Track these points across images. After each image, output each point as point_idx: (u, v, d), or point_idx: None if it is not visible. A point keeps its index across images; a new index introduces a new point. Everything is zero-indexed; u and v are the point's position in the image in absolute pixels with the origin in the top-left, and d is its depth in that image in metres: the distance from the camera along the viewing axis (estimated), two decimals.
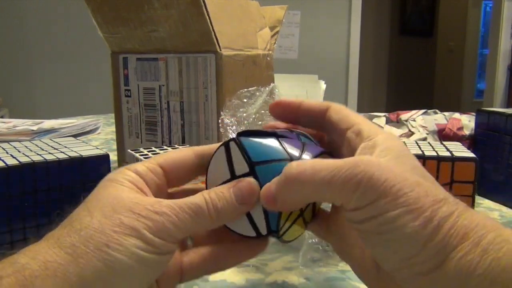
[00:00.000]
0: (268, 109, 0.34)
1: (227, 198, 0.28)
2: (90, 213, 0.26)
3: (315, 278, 0.39)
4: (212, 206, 0.27)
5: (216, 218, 0.27)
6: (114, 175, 0.29)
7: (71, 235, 0.25)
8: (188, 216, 0.27)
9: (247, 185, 0.28)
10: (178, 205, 0.27)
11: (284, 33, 2.99)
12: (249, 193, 0.28)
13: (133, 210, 0.26)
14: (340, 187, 0.24)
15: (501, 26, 3.49)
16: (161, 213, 0.26)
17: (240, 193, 0.28)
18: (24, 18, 2.60)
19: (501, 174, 0.57)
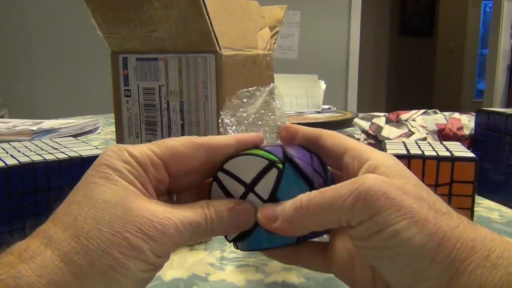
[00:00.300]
0: (268, 108, 0.35)
1: (225, 221, 0.28)
2: (98, 224, 0.25)
3: (315, 278, 0.39)
4: (210, 226, 0.28)
5: (210, 235, 0.29)
6: (112, 160, 0.27)
7: (79, 252, 0.24)
8: (188, 234, 0.27)
9: (246, 211, 0.29)
10: (182, 222, 0.27)
11: (284, 33, 2.99)
12: (246, 220, 0.29)
13: (142, 228, 0.25)
14: (341, 205, 0.25)
15: (501, 26, 3.49)
16: (168, 235, 0.26)
17: (238, 218, 0.29)
18: (24, 18, 2.60)
19: (501, 174, 0.57)
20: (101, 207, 0.25)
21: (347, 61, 3.27)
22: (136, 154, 0.28)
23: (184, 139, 0.29)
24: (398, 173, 0.26)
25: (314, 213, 0.26)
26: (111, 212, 0.25)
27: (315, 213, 0.26)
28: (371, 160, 0.28)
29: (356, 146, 0.29)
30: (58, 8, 2.59)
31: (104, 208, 0.25)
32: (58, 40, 2.63)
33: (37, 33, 2.62)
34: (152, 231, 0.25)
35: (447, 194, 0.42)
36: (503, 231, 0.50)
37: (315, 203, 0.26)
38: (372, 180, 0.25)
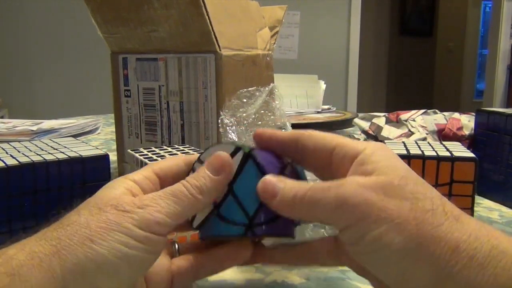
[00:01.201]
0: (267, 109, 0.35)
1: (203, 175, 0.29)
2: (78, 212, 0.27)
3: (315, 278, 0.39)
4: (191, 186, 0.28)
5: (200, 196, 0.28)
6: (111, 183, 0.30)
7: (58, 230, 0.25)
8: (170, 201, 0.27)
9: (216, 157, 0.29)
10: (157, 194, 0.28)
11: (283, 33, 2.99)
12: (220, 163, 0.29)
13: (117, 207, 0.26)
14: (324, 209, 0.26)
15: (501, 26, 3.49)
16: (143, 206, 0.26)
17: (212, 166, 0.29)
18: (24, 18, 2.60)
19: (501, 174, 0.57)
20: (84, 204, 0.28)
21: (347, 61, 3.27)
22: (133, 177, 0.30)
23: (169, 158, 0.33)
24: (386, 166, 0.26)
25: (306, 207, 0.27)
26: (91, 203, 0.27)
27: (307, 208, 0.27)
28: (359, 156, 0.27)
29: (342, 142, 0.29)
30: (58, 8, 2.59)
31: (87, 203, 0.27)
32: (58, 40, 2.63)
33: (37, 33, 2.62)
34: (127, 207, 0.26)
35: (447, 194, 0.42)
36: (503, 231, 0.50)
37: (308, 197, 0.27)
38: (353, 188, 0.25)
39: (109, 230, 0.25)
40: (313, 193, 0.26)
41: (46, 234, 0.25)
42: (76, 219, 0.26)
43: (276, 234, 0.30)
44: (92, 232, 0.25)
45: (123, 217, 0.26)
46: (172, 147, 0.54)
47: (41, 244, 0.25)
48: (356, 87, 3.31)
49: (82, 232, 0.25)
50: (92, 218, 0.26)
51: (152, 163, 0.32)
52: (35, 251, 0.24)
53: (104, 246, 0.24)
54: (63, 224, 0.26)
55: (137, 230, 0.26)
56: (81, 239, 0.25)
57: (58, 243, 0.24)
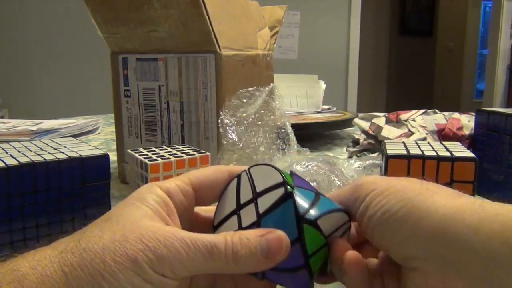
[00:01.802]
0: (267, 109, 0.35)
1: (251, 248, 0.25)
2: (101, 233, 0.25)
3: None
4: (231, 251, 0.25)
5: (233, 265, 0.25)
6: (143, 193, 0.28)
7: (74, 252, 0.24)
8: (200, 255, 0.24)
9: (277, 238, 0.26)
10: (192, 240, 0.25)
11: (283, 33, 2.99)
12: (278, 248, 0.25)
13: (143, 239, 0.24)
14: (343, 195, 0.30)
15: (501, 26, 3.49)
16: (170, 247, 0.24)
17: (267, 246, 0.25)
18: (24, 18, 2.60)
19: (501, 174, 0.57)
20: (112, 220, 0.26)
21: (347, 61, 3.27)
22: (166, 185, 0.28)
23: (211, 167, 0.31)
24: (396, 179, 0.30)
25: None
26: (118, 225, 0.25)
27: None
28: None
29: None
30: (58, 8, 2.59)
31: (114, 221, 0.25)
32: (58, 40, 2.63)
33: (37, 33, 2.62)
34: (152, 242, 0.24)
35: None
36: None
37: None
38: (365, 177, 0.30)
39: (123, 268, 0.23)
40: None
41: (62, 255, 0.24)
42: (94, 244, 0.24)
43: (288, 286, 0.27)
44: (105, 267, 0.23)
45: (141, 253, 0.24)
46: (172, 147, 0.54)
47: (54, 268, 0.23)
48: (356, 87, 3.31)
49: (96, 264, 0.23)
50: (111, 248, 0.24)
51: (190, 173, 0.30)
52: (47, 275, 0.23)
53: (113, 285, 0.23)
54: (81, 247, 0.24)
55: (149, 271, 0.24)
56: (92, 272, 0.23)
57: (70, 272, 0.23)
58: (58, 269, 0.24)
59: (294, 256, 0.26)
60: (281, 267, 0.26)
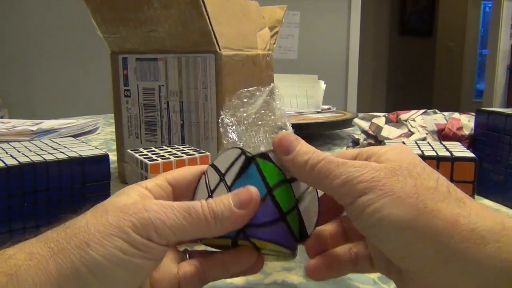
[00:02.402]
0: (268, 109, 0.35)
1: (225, 203, 0.28)
2: (84, 216, 0.26)
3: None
4: (208, 209, 0.27)
5: (213, 222, 0.27)
6: (124, 189, 0.29)
7: (58, 231, 0.25)
8: (180, 215, 0.26)
9: (245, 190, 0.28)
10: (170, 204, 0.26)
11: (283, 33, 2.99)
12: (248, 197, 0.28)
13: (123, 209, 0.26)
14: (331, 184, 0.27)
15: (501, 26, 3.49)
16: (150, 210, 0.25)
17: (238, 198, 0.28)
18: (24, 18, 2.60)
19: (501, 174, 0.57)
20: (100, 206, 0.27)
21: (346, 61, 3.27)
22: (146, 184, 0.30)
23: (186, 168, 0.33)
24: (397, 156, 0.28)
25: (315, 176, 0.28)
26: (99, 207, 0.27)
27: (316, 177, 0.28)
28: (378, 152, 0.29)
29: (364, 149, 0.31)
30: (58, 8, 2.59)
31: (94, 208, 0.27)
32: (58, 40, 2.63)
33: (37, 33, 2.62)
34: (132, 209, 0.25)
35: None
36: None
37: (319, 167, 0.27)
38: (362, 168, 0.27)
39: (107, 235, 0.24)
40: (325, 165, 0.27)
41: (47, 235, 0.25)
42: (77, 222, 0.26)
43: (271, 240, 0.29)
44: (90, 236, 0.24)
45: (123, 220, 0.25)
46: (172, 147, 0.54)
47: (40, 246, 0.24)
48: (356, 87, 3.31)
49: (80, 235, 0.24)
50: (93, 221, 0.25)
51: (166, 172, 0.32)
52: (34, 252, 0.24)
53: (100, 251, 0.24)
54: (65, 226, 0.26)
55: (134, 236, 0.25)
56: (77, 243, 0.24)
57: (55, 246, 0.24)
58: (44, 246, 0.24)
59: (268, 210, 0.29)
60: (259, 221, 0.28)
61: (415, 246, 0.24)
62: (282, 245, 0.29)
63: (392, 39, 4.91)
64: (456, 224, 0.23)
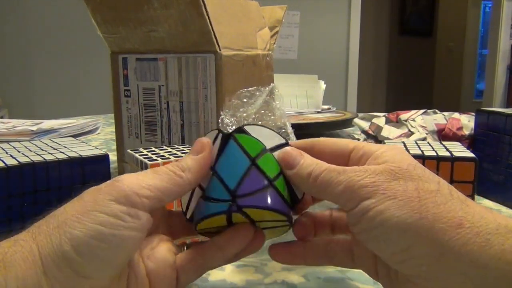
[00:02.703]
0: (267, 109, 0.35)
1: (184, 157, 0.30)
2: (64, 205, 0.27)
3: (315, 277, 0.39)
4: (172, 165, 0.29)
5: (182, 172, 0.28)
6: None
7: (39, 221, 0.26)
8: (151, 175, 0.28)
9: (196, 141, 0.31)
10: (139, 172, 0.28)
11: (283, 33, 2.99)
12: (200, 145, 0.30)
13: (95, 189, 0.27)
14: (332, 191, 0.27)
15: (501, 26, 3.49)
16: (122, 179, 0.26)
17: (193, 149, 0.30)
18: (24, 18, 2.60)
19: (501, 174, 0.57)
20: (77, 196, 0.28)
21: (346, 61, 3.27)
22: None
23: None
24: (396, 157, 0.28)
25: (318, 186, 0.28)
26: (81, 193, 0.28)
27: (319, 187, 0.28)
28: (373, 154, 0.29)
29: (360, 144, 0.30)
30: (58, 8, 2.59)
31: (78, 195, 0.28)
32: (58, 40, 2.63)
33: (37, 33, 2.62)
34: (105, 186, 0.27)
35: None
36: None
37: (321, 177, 0.28)
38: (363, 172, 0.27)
39: (84, 212, 0.25)
40: (327, 174, 0.27)
41: (31, 227, 0.26)
42: (56, 210, 0.26)
43: (263, 206, 0.29)
44: (68, 216, 0.25)
45: (99, 195, 0.26)
46: (172, 147, 0.54)
47: (23, 234, 0.25)
48: (356, 87, 3.31)
49: (58, 218, 0.25)
50: (70, 205, 0.26)
51: None
52: (17, 239, 0.25)
53: (78, 227, 0.24)
54: (46, 216, 0.26)
55: (114, 205, 0.25)
56: (56, 224, 0.25)
57: (36, 231, 0.25)
58: (27, 233, 0.25)
59: (255, 179, 0.30)
60: (248, 191, 0.29)
61: (417, 249, 0.24)
62: (275, 210, 0.29)
63: (392, 39, 4.91)
64: (460, 227, 0.23)
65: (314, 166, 0.29)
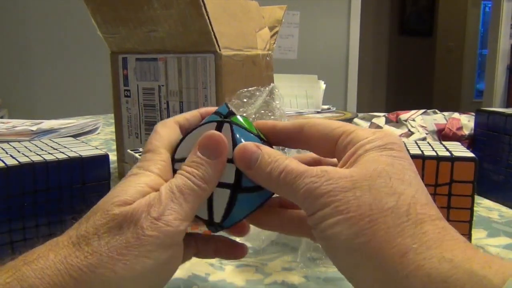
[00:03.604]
0: (267, 109, 0.35)
1: (201, 162, 0.28)
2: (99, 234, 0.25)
3: (315, 277, 0.39)
4: (194, 178, 0.27)
5: (205, 185, 0.27)
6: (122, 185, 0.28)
7: (78, 256, 0.24)
8: (182, 200, 0.26)
9: (208, 138, 0.28)
10: (167, 197, 0.26)
11: (283, 33, 2.99)
12: (215, 144, 0.28)
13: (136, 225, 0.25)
14: (294, 195, 0.26)
15: (500, 26, 3.49)
16: (160, 218, 0.25)
17: (206, 149, 0.28)
18: (24, 18, 2.60)
19: (501, 174, 0.57)
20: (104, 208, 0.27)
21: (346, 61, 3.27)
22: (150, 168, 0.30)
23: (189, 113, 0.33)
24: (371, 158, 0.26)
25: (279, 186, 0.27)
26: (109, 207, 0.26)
27: (279, 187, 0.27)
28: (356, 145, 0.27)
29: (349, 130, 0.28)
30: (58, 8, 2.59)
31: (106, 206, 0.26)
32: (58, 40, 2.63)
33: (37, 33, 2.62)
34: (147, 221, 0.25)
35: (446, 194, 0.42)
36: (502, 231, 0.50)
37: (281, 178, 0.27)
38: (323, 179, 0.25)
39: (132, 258, 0.24)
40: (285, 177, 0.26)
41: (66, 260, 0.24)
42: (96, 245, 0.24)
43: None
44: (115, 262, 0.24)
45: (144, 237, 0.25)
46: None
47: (62, 275, 0.23)
48: (356, 87, 3.31)
49: (104, 262, 0.24)
50: (114, 243, 0.24)
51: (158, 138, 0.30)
52: (56, 283, 0.23)
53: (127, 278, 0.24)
54: (83, 250, 0.24)
55: (162, 251, 0.25)
56: (103, 271, 0.24)
57: (79, 275, 0.24)
58: (66, 275, 0.23)
59: None
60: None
61: (362, 270, 0.23)
62: None
63: (392, 39, 4.91)
64: (404, 257, 0.22)
65: (273, 164, 0.27)
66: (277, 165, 0.27)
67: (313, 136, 0.29)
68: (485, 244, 0.47)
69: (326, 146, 0.29)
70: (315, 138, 0.29)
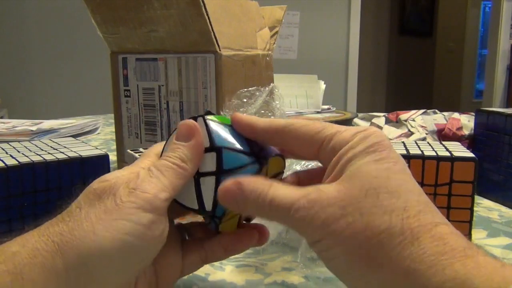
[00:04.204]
0: (267, 109, 0.35)
1: (176, 146, 0.29)
2: (79, 205, 0.26)
3: (315, 277, 0.39)
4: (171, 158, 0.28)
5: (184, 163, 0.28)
6: None
7: (59, 224, 0.25)
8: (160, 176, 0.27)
9: (180, 125, 0.29)
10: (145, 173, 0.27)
11: (283, 33, 2.99)
12: (187, 128, 0.29)
13: (115, 195, 0.26)
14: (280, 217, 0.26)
15: (500, 26, 3.49)
16: (138, 187, 0.26)
17: (181, 135, 0.29)
18: (24, 18, 2.60)
19: (501, 174, 0.57)
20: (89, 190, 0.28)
21: (346, 61, 3.27)
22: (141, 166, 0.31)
23: None
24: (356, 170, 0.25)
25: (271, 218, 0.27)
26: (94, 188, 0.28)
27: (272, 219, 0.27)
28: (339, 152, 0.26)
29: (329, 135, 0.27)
30: (58, 8, 2.59)
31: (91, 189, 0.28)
32: (58, 40, 2.63)
33: (37, 33, 2.62)
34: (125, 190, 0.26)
35: (446, 194, 0.42)
36: (502, 231, 0.50)
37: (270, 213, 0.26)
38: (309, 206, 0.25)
39: (111, 220, 0.25)
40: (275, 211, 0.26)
41: (49, 230, 0.25)
42: (77, 213, 0.26)
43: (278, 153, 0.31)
44: (94, 225, 0.25)
45: (122, 203, 0.25)
46: None
47: (43, 241, 0.24)
48: (355, 87, 3.31)
49: (84, 226, 0.25)
50: (93, 210, 0.25)
51: (152, 148, 0.32)
52: (38, 248, 0.24)
53: (107, 238, 0.24)
54: (64, 219, 0.26)
55: (141, 214, 0.25)
56: (82, 233, 0.24)
57: (60, 240, 0.24)
58: (48, 241, 0.24)
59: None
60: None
61: None
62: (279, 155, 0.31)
63: (391, 39, 4.91)
64: (407, 279, 0.22)
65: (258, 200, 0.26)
66: (262, 201, 0.26)
67: (297, 139, 0.28)
68: (485, 244, 0.47)
69: (310, 151, 0.28)
70: (297, 143, 0.28)
